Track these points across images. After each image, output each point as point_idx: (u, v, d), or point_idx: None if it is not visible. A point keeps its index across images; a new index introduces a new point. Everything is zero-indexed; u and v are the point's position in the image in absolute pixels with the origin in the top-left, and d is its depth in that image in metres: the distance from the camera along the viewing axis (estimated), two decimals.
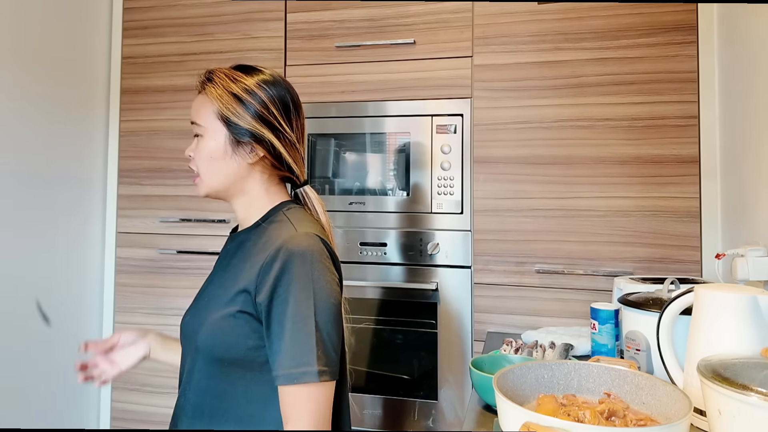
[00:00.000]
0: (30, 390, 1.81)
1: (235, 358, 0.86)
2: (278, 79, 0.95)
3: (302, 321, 0.80)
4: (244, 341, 0.85)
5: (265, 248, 0.86)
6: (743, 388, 0.66)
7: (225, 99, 0.90)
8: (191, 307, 0.96)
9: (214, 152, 0.91)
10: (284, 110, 0.93)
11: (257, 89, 0.91)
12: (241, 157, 0.91)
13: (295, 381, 0.79)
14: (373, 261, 1.87)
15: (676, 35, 1.67)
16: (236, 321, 0.85)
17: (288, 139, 0.93)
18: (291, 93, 0.96)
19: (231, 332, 0.85)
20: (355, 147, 1.91)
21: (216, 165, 0.92)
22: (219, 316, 0.86)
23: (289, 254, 0.83)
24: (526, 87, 1.77)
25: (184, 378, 0.93)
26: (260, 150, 0.91)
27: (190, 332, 0.91)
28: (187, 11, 2.08)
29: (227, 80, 0.92)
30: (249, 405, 0.86)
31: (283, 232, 0.87)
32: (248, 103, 0.90)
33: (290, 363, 0.79)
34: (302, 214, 0.93)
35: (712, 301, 0.84)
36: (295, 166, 0.95)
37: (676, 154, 1.66)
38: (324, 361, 0.80)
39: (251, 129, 0.90)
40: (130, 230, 2.10)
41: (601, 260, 1.70)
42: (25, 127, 1.78)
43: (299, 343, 0.80)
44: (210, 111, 0.91)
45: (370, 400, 1.84)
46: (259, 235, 0.91)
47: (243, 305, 0.85)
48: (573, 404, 0.73)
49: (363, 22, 1.92)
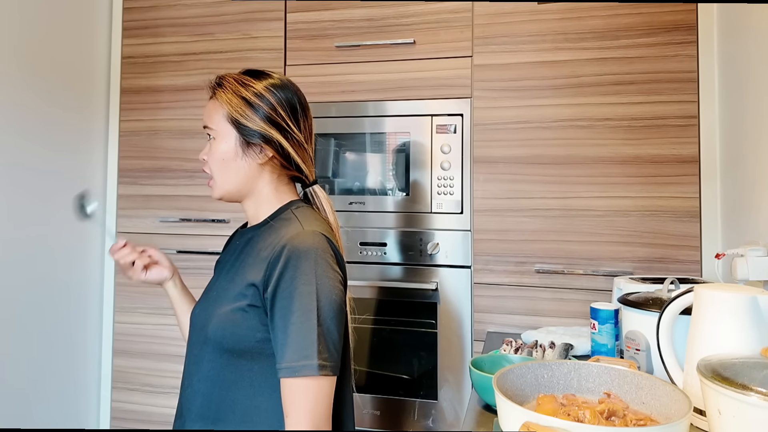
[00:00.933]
0: (30, 390, 1.81)
1: (243, 349, 0.88)
2: (286, 82, 0.99)
3: (305, 315, 0.82)
4: (253, 333, 0.87)
5: (272, 244, 0.89)
6: (743, 388, 0.66)
7: (234, 103, 0.94)
8: (201, 301, 0.99)
9: (225, 154, 0.95)
10: (292, 112, 0.96)
11: (266, 92, 0.95)
12: (251, 158, 0.95)
13: (296, 374, 0.81)
14: (373, 261, 1.87)
15: (676, 35, 1.67)
16: (246, 314, 0.88)
17: (296, 140, 0.96)
18: (299, 95, 0.99)
19: (241, 324, 0.88)
20: (355, 147, 1.91)
21: (228, 166, 0.95)
22: (229, 309, 0.89)
23: (294, 250, 0.85)
24: (525, 87, 1.77)
25: (190, 369, 0.95)
26: (269, 150, 0.95)
27: (200, 324, 0.94)
28: (187, 11, 2.08)
29: (237, 85, 0.95)
30: (255, 397, 0.88)
31: (291, 229, 0.90)
32: (257, 105, 0.94)
33: (292, 356, 0.81)
34: (310, 213, 0.96)
35: (711, 301, 0.84)
36: (303, 166, 0.98)
37: (675, 154, 1.66)
38: (325, 355, 0.82)
39: (260, 130, 0.93)
40: (130, 230, 2.10)
41: (600, 260, 1.70)
42: (24, 127, 1.78)
43: (301, 337, 0.82)
44: (221, 115, 0.95)
45: (370, 400, 1.84)
46: (268, 232, 0.94)
47: (252, 299, 0.88)
48: (573, 404, 0.73)
49: (363, 21, 1.92)
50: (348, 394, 0.97)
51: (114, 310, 2.11)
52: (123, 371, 2.08)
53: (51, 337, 1.90)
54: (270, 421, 0.87)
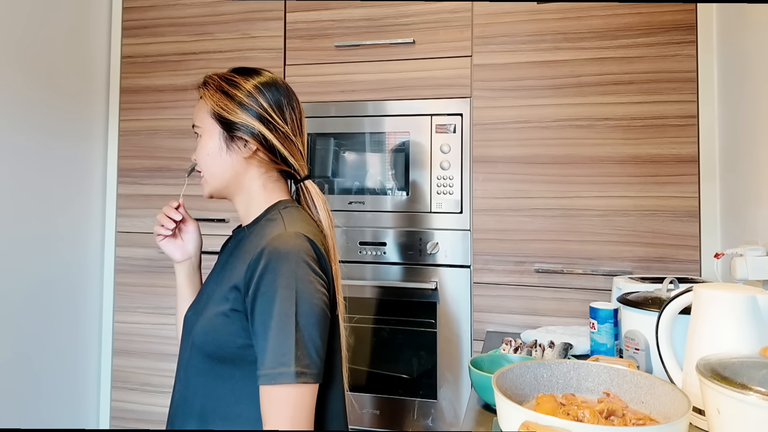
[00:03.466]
0: (29, 389, 1.81)
1: (225, 356, 0.86)
2: (273, 77, 0.97)
3: (283, 321, 0.80)
4: (234, 339, 0.85)
5: (255, 246, 0.86)
6: (742, 388, 0.66)
7: (216, 97, 0.93)
8: (193, 303, 0.97)
9: (210, 149, 0.94)
10: (276, 104, 0.94)
11: (248, 86, 0.94)
12: (236, 153, 0.93)
13: (273, 381, 0.78)
14: (372, 260, 1.87)
15: (675, 35, 1.67)
16: (228, 319, 0.85)
17: (281, 131, 0.94)
18: (286, 89, 0.97)
19: (223, 330, 0.85)
20: (355, 146, 1.91)
21: (213, 162, 0.94)
22: (213, 313, 0.87)
23: (274, 252, 0.82)
24: (525, 87, 1.78)
25: (179, 372, 0.94)
26: (253, 143, 0.92)
27: (189, 327, 0.93)
28: (187, 10, 2.08)
29: (219, 80, 0.95)
30: (237, 404, 0.86)
31: (273, 230, 0.87)
32: (236, 97, 0.93)
33: (269, 363, 0.79)
34: (297, 214, 0.93)
35: (711, 301, 0.84)
36: (291, 159, 0.95)
37: (675, 154, 1.66)
38: (304, 362, 0.79)
39: (241, 122, 0.92)
40: (129, 230, 2.10)
41: (600, 260, 1.70)
42: (24, 127, 1.78)
43: (279, 343, 0.79)
44: (205, 112, 0.95)
45: (370, 400, 1.85)
46: (254, 232, 0.91)
47: (234, 303, 0.85)
48: (572, 403, 0.73)
49: (362, 21, 1.92)
50: (336, 401, 0.92)
51: (113, 310, 2.11)
52: (122, 371, 2.08)
53: (51, 337, 1.90)
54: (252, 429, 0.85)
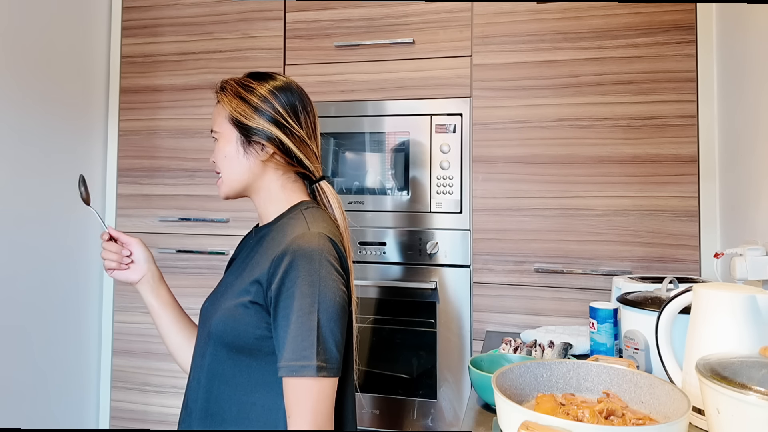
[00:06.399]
0: (29, 389, 1.81)
1: (242, 345, 0.90)
2: (288, 82, 1.01)
3: (305, 316, 0.83)
4: (253, 330, 0.89)
5: (279, 243, 0.90)
6: (742, 387, 0.66)
7: (234, 103, 0.97)
8: (211, 294, 1.01)
9: (228, 153, 0.98)
10: (292, 110, 0.98)
11: (266, 93, 0.97)
12: (253, 156, 0.97)
13: (294, 373, 0.82)
14: (372, 260, 1.87)
15: (675, 35, 1.67)
16: (247, 310, 0.89)
17: (297, 135, 0.98)
18: (301, 94, 1.01)
19: (241, 320, 0.90)
20: (355, 146, 1.91)
21: (231, 164, 0.98)
22: (232, 304, 0.91)
23: (298, 251, 0.87)
24: (525, 86, 1.78)
25: (195, 361, 0.97)
26: (270, 147, 0.97)
27: (206, 317, 0.97)
28: (187, 10, 2.08)
29: (236, 86, 0.99)
30: (252, 393, 0.90)
31: (297, 229, 0.91)
32: (254, 103, 0.97)
33: (291, 356, 0.83)
34: (319, 214, 0.97)
35: (710, 301, 0.84)
36: (307, 162, 1.00)
37: (674, 154, 1.66)
38: (324, 357, 0.83)
39: (259, 127, 0.96)
40: (129, 229, 2.10)
41: (599, 259, 1.70)
42: (24, 127, 1.78)
43: (301, 337, 0.83)
44: (223, 117, 0.99)
45: (370, 399, 1.85)
46: (277, 230, 0.95)
47: (255, 296, 0.89)
48: (572, 403, 0.73)
49: (362, 21, 1.92)
50: (350, 396, 0.97)
51: (113, 310, 2.11)
52: (122, 370, 2.08)
53: (50, 337, 1.90)
54: (265, 418, 0.89)
